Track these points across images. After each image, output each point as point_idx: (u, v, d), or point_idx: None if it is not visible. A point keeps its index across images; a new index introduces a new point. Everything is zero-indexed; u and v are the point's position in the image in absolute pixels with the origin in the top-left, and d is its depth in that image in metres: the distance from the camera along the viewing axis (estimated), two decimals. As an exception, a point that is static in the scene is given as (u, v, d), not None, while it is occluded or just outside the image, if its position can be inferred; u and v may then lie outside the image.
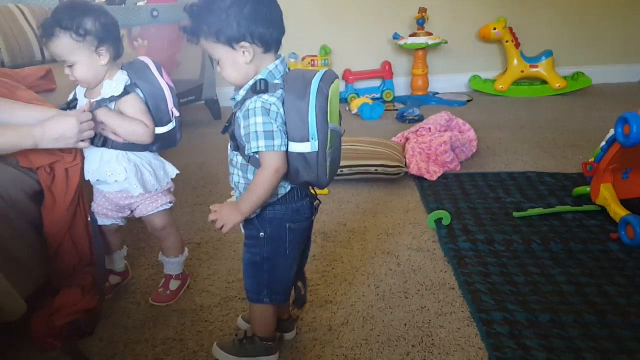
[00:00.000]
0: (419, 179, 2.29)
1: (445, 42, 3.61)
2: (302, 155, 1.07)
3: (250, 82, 1.09)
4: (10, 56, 2.43)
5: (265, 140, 1.03)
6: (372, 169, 2.24)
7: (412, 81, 3.71)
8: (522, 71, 3.63)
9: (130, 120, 1.34)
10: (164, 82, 1.39)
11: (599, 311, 1.39)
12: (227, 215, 1.11)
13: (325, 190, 2.22)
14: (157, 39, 3.21)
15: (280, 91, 1.06)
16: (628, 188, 1.89)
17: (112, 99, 1.33)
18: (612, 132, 1.76)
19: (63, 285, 1.47)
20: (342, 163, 2.20)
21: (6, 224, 1.27)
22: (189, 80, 3.19)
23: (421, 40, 3.54)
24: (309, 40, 3.71)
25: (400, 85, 3.81)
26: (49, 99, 1.63)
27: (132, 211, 1.47)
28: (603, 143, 1.85)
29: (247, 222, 1.16)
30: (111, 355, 1.34)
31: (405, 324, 1.40)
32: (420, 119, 3.11)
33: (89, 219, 1.46)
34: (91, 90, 1.37)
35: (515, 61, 3.62)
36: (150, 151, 1.42)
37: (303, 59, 3.67)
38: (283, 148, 1.05)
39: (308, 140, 1.05)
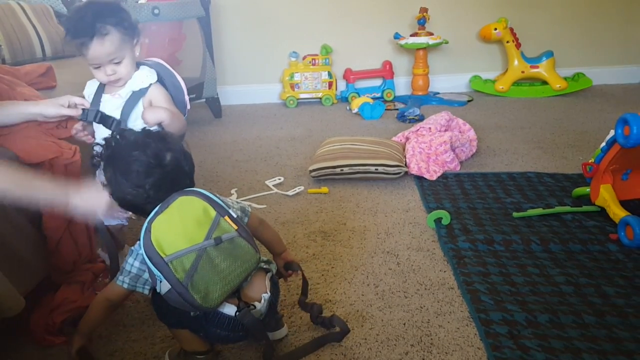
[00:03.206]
0: (419, 179, 2.29)
1: (446, 42, 3.61)
2: (166, 294, 1.08)
3: None
4: (11, 53, 2.43)
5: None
6: (373, 168, 2.24)
7: (412, 81, 3.70)
8: (523, 72, 3.63)
9: (177, 111, 1.35)
10: (179, 76, 1.41)
11: (598, 312, 1.39)
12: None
13: (326, 189, 2.22)
14: (158, 37, 3.21)
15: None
16: (628, 189, 1.89)
17: (142, 91, 1.34)
18: (612, 133, 1.76)
19: (63, 282, 1.47)
20: (342, 162, 2.27)
21: (5, 220, 1.27)
22: (190, 78, 3.19)
23: (422, 40, 3.53)
24: (310, 39, 3.71)
25: (401, 85, 3.81)
26: (50, 96, 1.63)
27: None
28: (603, 144, 1.85)
29: None
30: (111, 352, 1.34)
31: (404, 324, 1.40)
32: (420, 118, 3.11)
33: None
34: (111, 87, 1.37)
35: (516, 62, 3.61)
36: None
37: (304, 58, 3.67)
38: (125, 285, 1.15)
39: (160, 282, 1.08)
